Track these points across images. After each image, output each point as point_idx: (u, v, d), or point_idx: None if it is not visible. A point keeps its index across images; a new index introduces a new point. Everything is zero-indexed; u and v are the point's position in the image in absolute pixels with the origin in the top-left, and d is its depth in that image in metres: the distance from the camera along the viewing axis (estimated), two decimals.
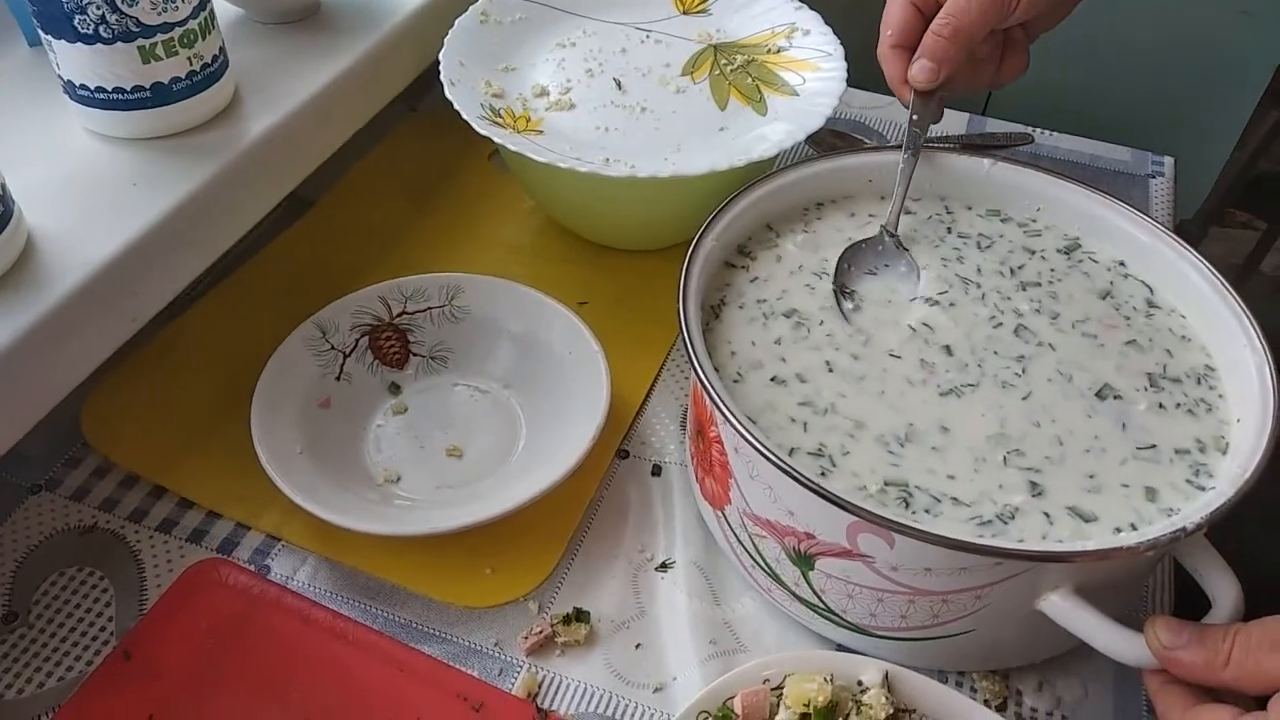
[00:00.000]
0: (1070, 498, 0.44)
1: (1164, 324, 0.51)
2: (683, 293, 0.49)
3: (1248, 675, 0.37)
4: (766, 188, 0.55)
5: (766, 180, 0.55)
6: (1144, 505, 0.43)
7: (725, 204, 0.53)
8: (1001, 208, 0.57)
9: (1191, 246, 0.52)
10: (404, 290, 0.60)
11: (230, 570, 0.52)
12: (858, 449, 0.45)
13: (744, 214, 0.54)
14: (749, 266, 0.54)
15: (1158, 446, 0.46)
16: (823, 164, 0.57)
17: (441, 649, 0.49)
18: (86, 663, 0.48)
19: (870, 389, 0.48)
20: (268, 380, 0.55)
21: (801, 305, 0.52)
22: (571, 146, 0.60)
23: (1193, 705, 0.39)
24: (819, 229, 0.56)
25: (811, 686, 0.42)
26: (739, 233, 0.55)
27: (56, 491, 0.55)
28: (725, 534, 0.50)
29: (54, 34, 0.51)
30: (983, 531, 0.43)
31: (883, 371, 0.49)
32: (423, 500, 0.54)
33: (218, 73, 0.56)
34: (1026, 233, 0.56)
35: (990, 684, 0.48)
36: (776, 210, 0.56)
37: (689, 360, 0.46)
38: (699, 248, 0.51)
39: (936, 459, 0.45)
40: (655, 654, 0.49)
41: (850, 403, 0.47)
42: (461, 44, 0.66)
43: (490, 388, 0.60)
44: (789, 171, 0.56)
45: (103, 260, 0.49)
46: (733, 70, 0.67)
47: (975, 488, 0.44)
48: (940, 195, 0.58)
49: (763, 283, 0.53)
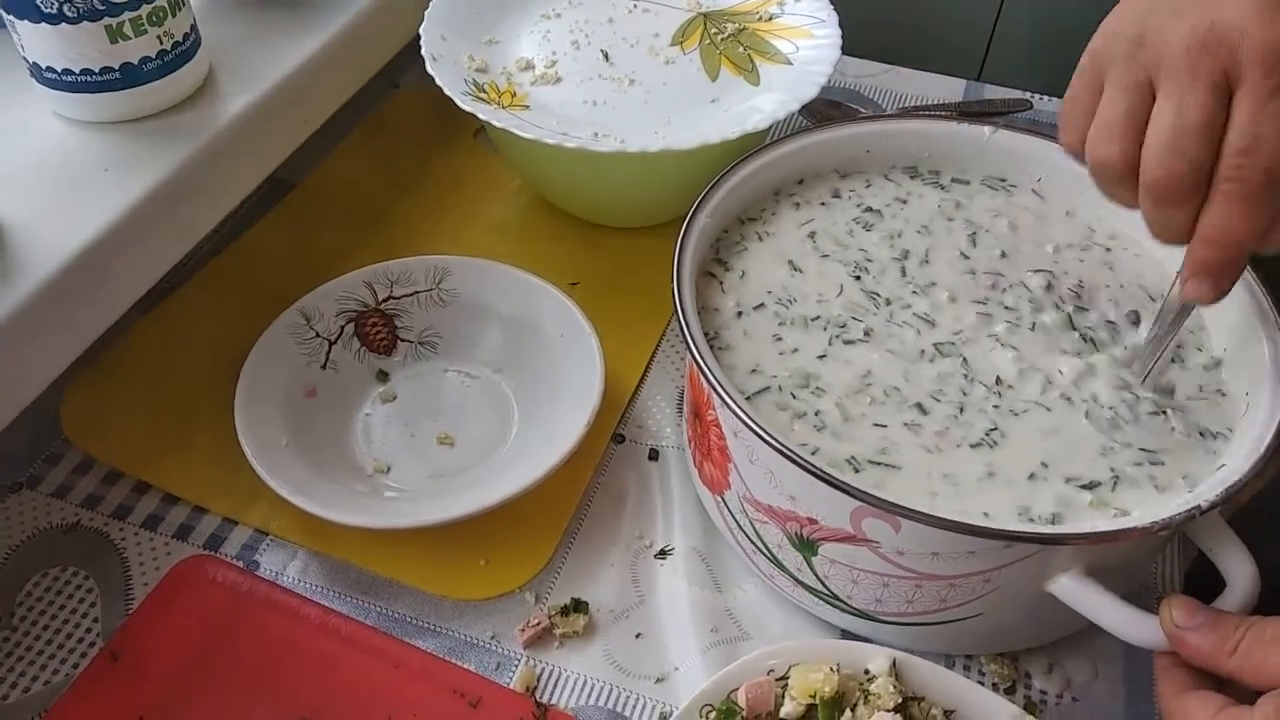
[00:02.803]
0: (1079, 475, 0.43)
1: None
2: (677, 271, 0.47)
3: (1251, 668, 0.36)
4: (761, 160, 0.53)
5: (761, 152, 0.53)
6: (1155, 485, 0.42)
7: (719, 178, 0.52)
8: (1006, 176, 0.56)
9: None
10: (390, 274, 0.59)
11: (218, 567, 0.50)
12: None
13: (739, 187, 0.53)
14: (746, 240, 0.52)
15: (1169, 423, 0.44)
16: (818, 134, 0.55)
17: (436, 643, 0.48)
18: (73, 665, 0.47)
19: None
20: (251, 370, 0.53)
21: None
22: (558, 121, 0.58)
23: (1192, 690, 0.38)
24: (812, 201, 0.55)
25: (817, 676, 0.41)
26: (734, 207, 0.53)
27: (37, 490, 0.53)
28: (725, 519, 0.49)
29: (17, 14, 0.49)
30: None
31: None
32: (414, 491, 0.52)
33: (190, 51, 0.54)
34: (1028, 201, 0.54)
35: (999, 667, 0.47)
36: (772, 183, 0.55)
37: (685, 342, 0.45)
38: (693, 223, 0.49)
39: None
40: (656, 644, 0.48)
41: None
42: (443, 17, 0.64)
43: (481, 373, 0.58)
44: (784, 143, 0.54)
45: (75, 249, 0.48)
46: (723, 39, 0.65)
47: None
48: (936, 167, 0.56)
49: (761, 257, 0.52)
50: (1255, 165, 0.35)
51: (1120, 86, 0.38)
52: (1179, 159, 0.36)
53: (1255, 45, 0.35)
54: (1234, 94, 0.35)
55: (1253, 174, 0.35)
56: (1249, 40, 0.35)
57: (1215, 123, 0.36)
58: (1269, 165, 0.35)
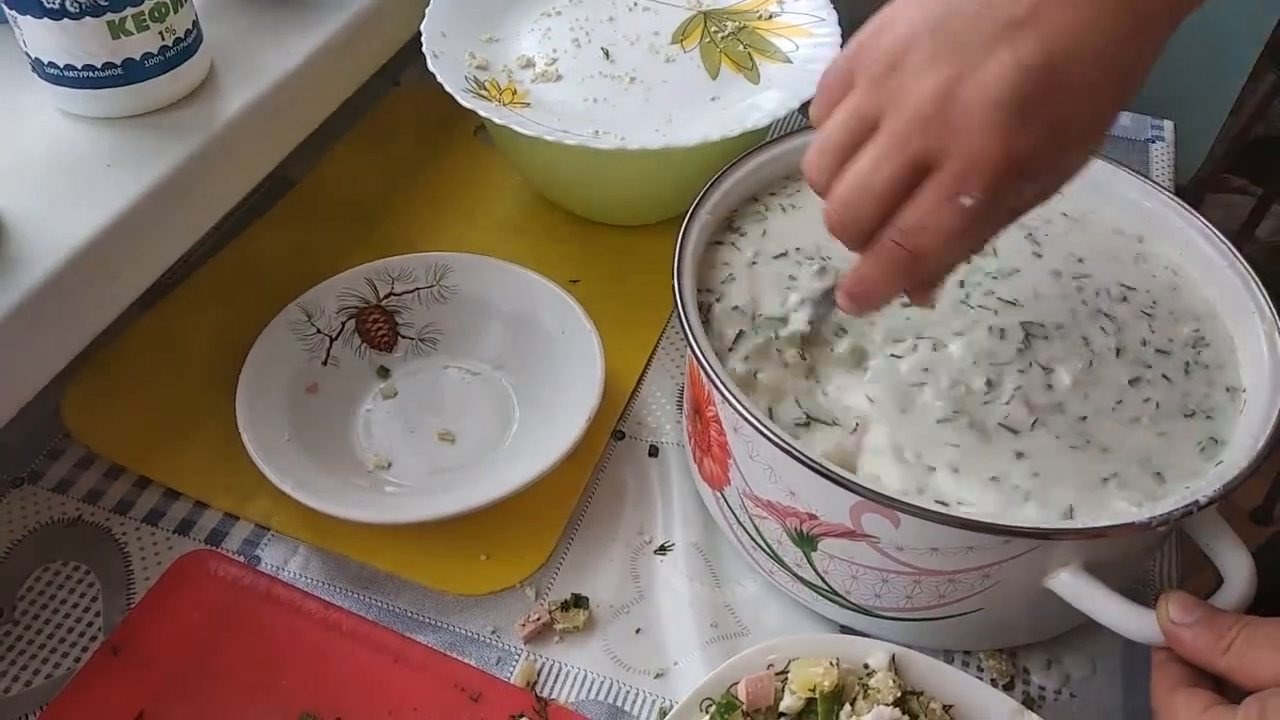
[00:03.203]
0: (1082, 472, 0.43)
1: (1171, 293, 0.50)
2: (678, 269, 0.47)
3: (1243, 668, 0.36)
4: (761, 158, 0.53)
5: (761, 150, 0.54)
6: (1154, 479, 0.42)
7: (719, 176, 0.52)
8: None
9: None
10: (390, 271, 0.59)
11: (219, 562, 0.50)
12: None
13: (739, 185, 0.53)
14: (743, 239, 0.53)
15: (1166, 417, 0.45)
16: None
17: (437, 638, 0.48)
18: (75, 659, 0.47)
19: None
20: (252, 366, 0.53)
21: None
22: (559, 119, 0.59)
23: (1185, 686, 0.38)
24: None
25: (817, 671, 0.41)
26: (733, 205, 0.53)
27: (39, 484, 0.53)
28: (725, 515, 0.49)
29: (19, 9, 0.49)
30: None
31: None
32: (415, 486, 0.53)
33: (192, 48, 0.54)
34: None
35: (998, 663, 0.47)
36: (772, 181, 0.55)
37: (685, 339, 0.45)
38: (693, 221, 0.50)
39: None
40: (656, 639, 0.48)
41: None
42: (444, 14, 0.64)
43: (481, 369, 0.58)
44: (784, 141, 0.54)
45: (78, 245, 0.48)
46: (724, 37, 0.65)
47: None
48: None
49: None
50: (911, 246, 0.36)
51: (852, 108, 0.37)
52: (850, 213, 0.37)
53: (966, 147, 0.34)
54: (930, 173, 0.35)
55: (903, 252, 0.37)
56: (965, 139, 0.34)
57: (898, 191, 0.36)
58: (921, 252, 0.36)
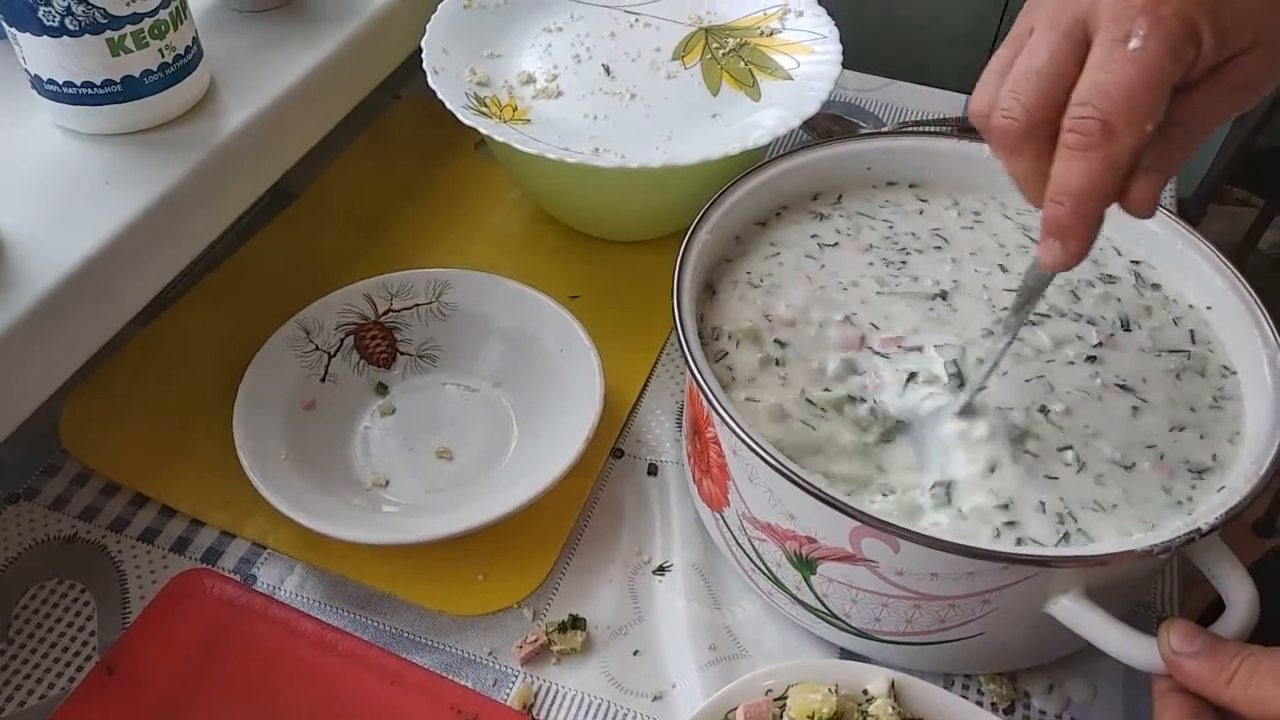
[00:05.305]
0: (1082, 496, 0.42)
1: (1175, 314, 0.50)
2: (677, 288, 0.47)
3: (1246, 700, 0.35)
4: (762, 176, 0.53)
5: (762, 169, 0.53)
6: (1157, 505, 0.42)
7: (720, 194, 0.52)
8: (1006, 198, 0.56)
9: (1192, 226, 0.50)
10: (390, 287, 0.58)
11: (215, 581, 0.50)
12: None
13: (739, 204, 0.52)
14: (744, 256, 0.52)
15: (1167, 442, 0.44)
16: (819, 151, 0.55)
17: (434, 659, 0.48)
18: (69, 679, 0.47)
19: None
20: (250, 383, 0.53)
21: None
22: (560, 136, 0.58)
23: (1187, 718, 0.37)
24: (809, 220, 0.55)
25: (816, 697, 0.40)
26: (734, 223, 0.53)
27: (35, 501, 0.53)
28: (724, 536, 0.49)
29: (18, 27, 0.49)
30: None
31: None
32: (412, 505, 0.52)
33: (191, 64, 0.54)
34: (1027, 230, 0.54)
35: (998, 686, 0.47)
36: (772, 200, 0.55)
37: (685, 361, 0.45)
38: (693, 239, 0.49)
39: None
40: (654, 661, 0.48)
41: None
42: (444, 30, 0.64)
43: (480, 386, 0.58)
44: (784, 159, 0.54)
45: (77, 261, 0.48)
46: (725, 54, 0.65)
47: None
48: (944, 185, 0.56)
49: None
50: (1093, 116, 0.32)
51: (1005, 42, 0.36)
52: (1013, 101, 0.34)
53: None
54: (1090, 47, 0.33)
55: (1090, 125, 0.32)
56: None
57: (1061, 70, 0.33)
58: (1107, 117, 0.32)
